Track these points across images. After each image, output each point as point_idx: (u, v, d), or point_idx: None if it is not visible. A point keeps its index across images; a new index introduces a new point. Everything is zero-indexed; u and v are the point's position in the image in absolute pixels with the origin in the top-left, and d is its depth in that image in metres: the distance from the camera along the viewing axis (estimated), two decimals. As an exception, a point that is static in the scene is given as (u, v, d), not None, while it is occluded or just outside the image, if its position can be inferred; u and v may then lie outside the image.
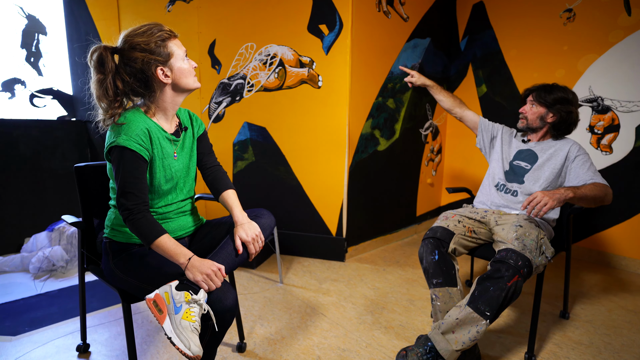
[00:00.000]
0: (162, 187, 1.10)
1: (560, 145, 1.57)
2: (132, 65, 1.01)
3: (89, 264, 1.31)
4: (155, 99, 1.08)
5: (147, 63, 1.01)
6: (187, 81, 1.08)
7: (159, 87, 1.06)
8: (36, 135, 2.57)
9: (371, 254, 2.61)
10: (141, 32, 1.01)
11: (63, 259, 2.18)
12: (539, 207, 1.27)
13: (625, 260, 2.37)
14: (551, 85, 1.60)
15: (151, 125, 1.06)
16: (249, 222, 1.13)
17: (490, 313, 1.20)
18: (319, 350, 1.46)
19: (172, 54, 1.04)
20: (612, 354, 1.46)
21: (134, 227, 0.99)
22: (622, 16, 2.26)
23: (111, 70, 1.00)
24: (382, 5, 2.42)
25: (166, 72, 1.04)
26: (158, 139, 1.07)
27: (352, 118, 2.32)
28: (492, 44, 2.90)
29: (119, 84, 1.02)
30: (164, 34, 1.03)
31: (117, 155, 0.99)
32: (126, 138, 0.98)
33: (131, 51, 1.01)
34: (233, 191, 1.23)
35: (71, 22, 2.76)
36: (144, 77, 1.03)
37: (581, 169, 1.49)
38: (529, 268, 1.24)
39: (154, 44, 1.01)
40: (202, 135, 1.24)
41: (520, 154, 1.65)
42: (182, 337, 0.88)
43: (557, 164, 1.54)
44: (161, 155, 1.08)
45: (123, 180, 0.99)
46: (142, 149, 1.01)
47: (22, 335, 1.54)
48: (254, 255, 1.12)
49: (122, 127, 1.00)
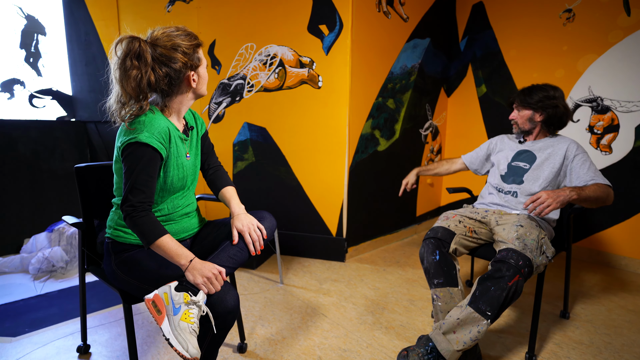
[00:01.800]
0: (175, 185, 1.10)
1: (558, 144, 1.58)
2: (171, 65, 1.02)
3: (89, 265, 1.31)
4: (173, 100, 1.09)
5: (185, 66, 1.04)
6: (203, 88, 1.13)
7: (184, 90, 1.09)
8: (35, 135, 2.56)
9: (371, 254, 2.61)
10: (182, 35, 1.03)
11: (63, 259, 2.18)
12: (542, 208, 1.28)
13: (625, 260, 2.38)
14: (530, 87, 1.64)
15: (169, 125, 1.07)
16: (245, 213, 1.13)
17: (491, 313, 1.20)
18: (319, 350, 1.46)
19: (201, 61, 1.09)
20: (612, 354, 1.46)
21: (136, 224, 0.98)
22: (621, 16, 2.26)
23: (148, 64, 0.99)
24: (382, 6, 2.42)
25: (194, 77, 1.08)
26: (174, 138, 1.08)
27: (352, 118, 2.32)
28: (491, 44, 2.90)
29: (152, 79, 1.01)
30: (198, 42, 1.07)
31: (134, 151, 0.98)
32: (149, 135, 0.98)
33: (172, 51, 1.01)
34: (232, 187, 1.25)
35: (70, 23, 2.76)
36: (177, 78, 1.05)
37: (582, 169, 1.49)
38: (529, 268, 1.24)
39: (192, 49, 1.05)
40: (204, 134, 1.26)
41: (519, 155, 1.66)
42: (180, 339, 0.88)
43: (556, 164, 1.55)
44: (176, 154, 1.09)
45: (136, 177, 0.98)
46: (163, 147, 1.02)
47: (22, 336, 1.54)
48: (251, 245, 1.10)
49: (145, 124, 0.99)
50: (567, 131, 2.52)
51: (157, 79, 1.02)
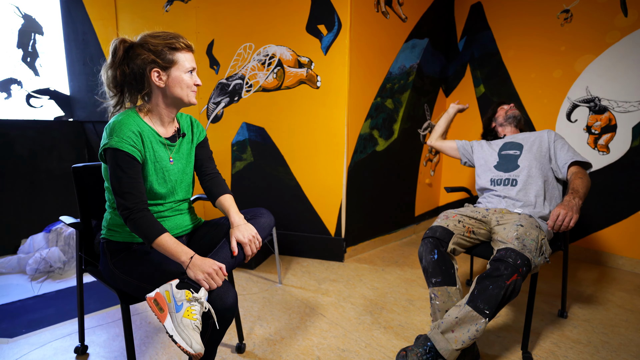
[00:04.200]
0: (155, 190, 1.10)
1: (537, 133, 1.74)
2: (134, 60, 1.05)
3: (87, 265, 1.30)
4: (151, 102, 1.10)
5: (146, 62, 1.04)
6: (180, 92, 1.09)
7: (152, 89, 1.08)
8: (33, 135, 2.55)
9: (370, 254, 2.61)
10: (157, 35, 1.06)
11: (60, 260, 2.17)
12: (566, 223, 1.32)
13: (623, 259, 2.38)
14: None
15: (144, 127, 1.07)
16: (245, 224, 1.13)
17: (489, 311, 1.20)
18: (318, 350, 1.46)
19: (176, 62, 1.06)
20: (609, 353, 1.46)
21: (134, 226, 0.99)
22: (618, 17, 2.27)
23: (119, 60, 1.05)
24: (381, 6, 2.42)
25: (161, 76, 1.06)
26: (150, 142, 1.07)
27: (350, 118, 2.32)
28: (490, 44, 2.91)
29: (119, 74, 1.06)
30: (176, 44, 1.06)
31: (111, 157, 1.01)
32: (118, 140, 0.99)
33: (139, 48, 1.05)
34: (230, 195, 1.23)
35: (68, 22, 2.75)
36: (140, 73, 1.06)
37: (561, 152, 1.65)
38: (527, 267, 1.24)
39: (161, 47, 1.04)
40: (202, 142, 1.25)
41: (506, 146, 1.79)
42: (183, 335, 0.88)
43: (543, 148, 1.68)
44: (153, 158, 1.08)
45: (119, 181, 1.00)
46: (135, 150, 1.02)
47: (19, 337, 1.53)
48: (250, 257, 1.12)
49: (114, 129, 1.01)
50: (565, 131, 2.53)
51: (123, 75, 1.06)
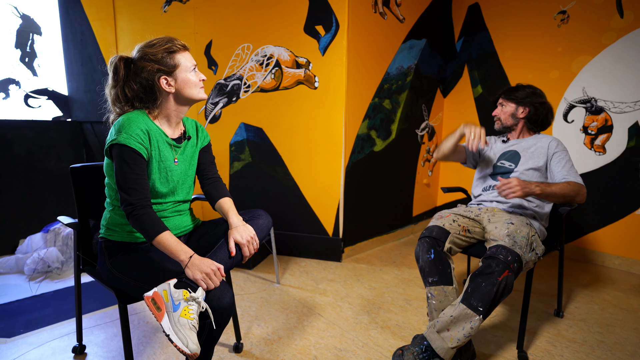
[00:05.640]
0: (157, 188, 1.11)
1: (541, 142, 1.64)
2: (140, 74, 1.07)
3: (85, 265, 1.31)
4: (159, 105, 1.12)
5: (152, 72, 1.07)
6: (190, 92, 1.12)
7: (163, 95, 1.11)
8: (31, 136, 2.56)
9: (368, 254, 2.62)
10: (152, 44, 1.08)
11: (58, 260, 2.17)
12: (508, 192, 1.37)
13: (619, 259, 2.40)
14: (516, 86, 1.72)
15: (152, 126, 1.09)
16: (243, 225, 1.14)
17: (483, 308, 1.21)
18: (315, 350, 1.46)
19: (178, 65, 1.09)
20: (605, 352, 1.47)
21: (136, 222, 1.00)
22: (614, 18, 2.28)
23: (122, 78, 1.08)
24: (378, 7, 2.43)
25: (170, 82, 1.09)
26: (157, 141, 1.09)
27: (348, 119, 2.33)
28: (487, 45, 2.92)
29: (128, 91, 1.09)
30: (173, 47, 1.08)
31: (117, 153, 1.02)
32: (126, 136, 1.01)
33: (140, 61, 1.07)
34: (229, 198, 1.25)
35: (66, 22, 2.75)
36: (149, 85, 1.08)
37: (557, 166, 1.57)
38: (519, 263, 1.26)
39: (161, 54, 1.07)
40: (206, 147, 1.28)
41: (504, 155, 1.72)
42: (180, 335, 0.89)
43: (540, 161, 1.61)
44: (158, 157, 1.10)
45: (125, 177, 1.01)
46: (142, 147, 1.04)
47: (17, 337, 1.53)
48: (248, 257, 1.13)
49: (123, 126, 1.03)
50: (562, 131, 2.54)
51: (132, 91, 1.09)
